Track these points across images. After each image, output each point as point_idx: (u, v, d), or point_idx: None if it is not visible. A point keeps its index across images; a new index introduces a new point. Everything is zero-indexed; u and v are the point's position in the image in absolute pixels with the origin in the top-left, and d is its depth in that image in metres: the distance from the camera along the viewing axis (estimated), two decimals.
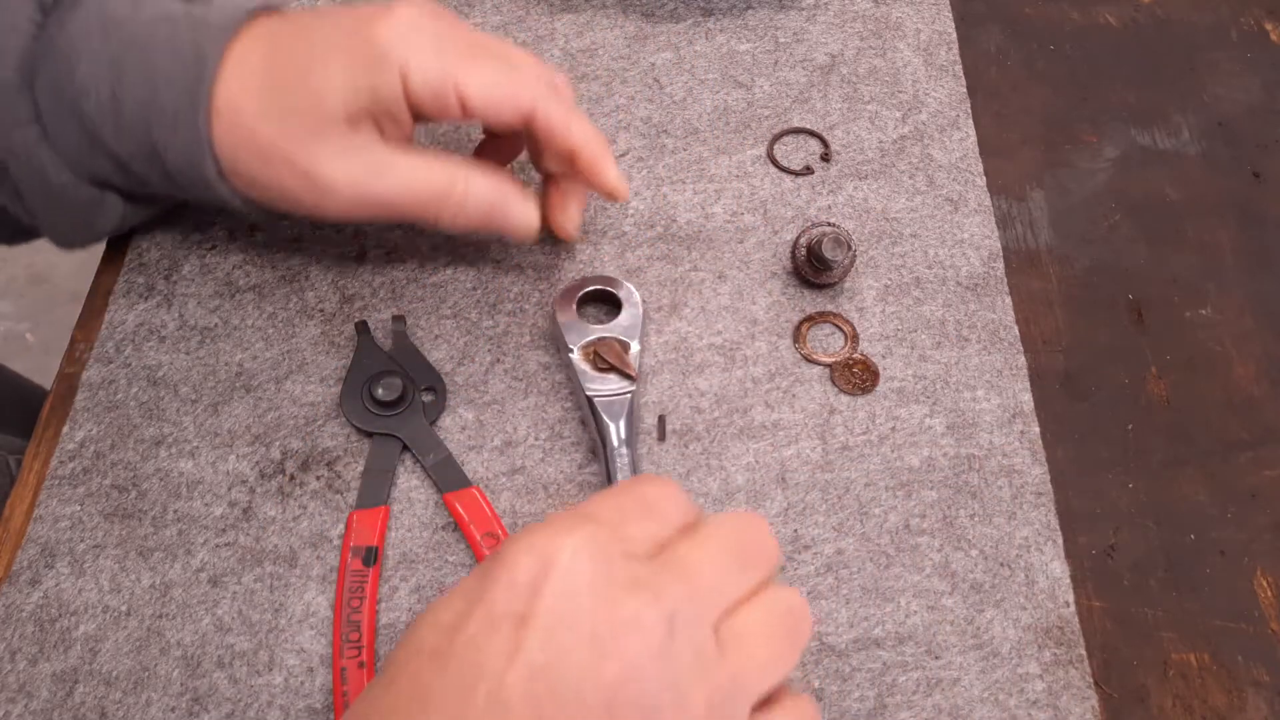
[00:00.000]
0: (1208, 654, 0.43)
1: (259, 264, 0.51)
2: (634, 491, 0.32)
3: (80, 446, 0.45)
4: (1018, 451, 0.47)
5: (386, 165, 0.41)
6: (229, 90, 0.40)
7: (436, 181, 0.42)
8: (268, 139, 0.40)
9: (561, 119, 0.42)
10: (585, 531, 0.29)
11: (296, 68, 0.40)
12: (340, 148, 0.40)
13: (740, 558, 0.31)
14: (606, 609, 0.28)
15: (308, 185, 0.41)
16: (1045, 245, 0.54)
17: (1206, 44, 0.62)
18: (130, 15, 0.41)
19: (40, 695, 0.40)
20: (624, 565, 0.29)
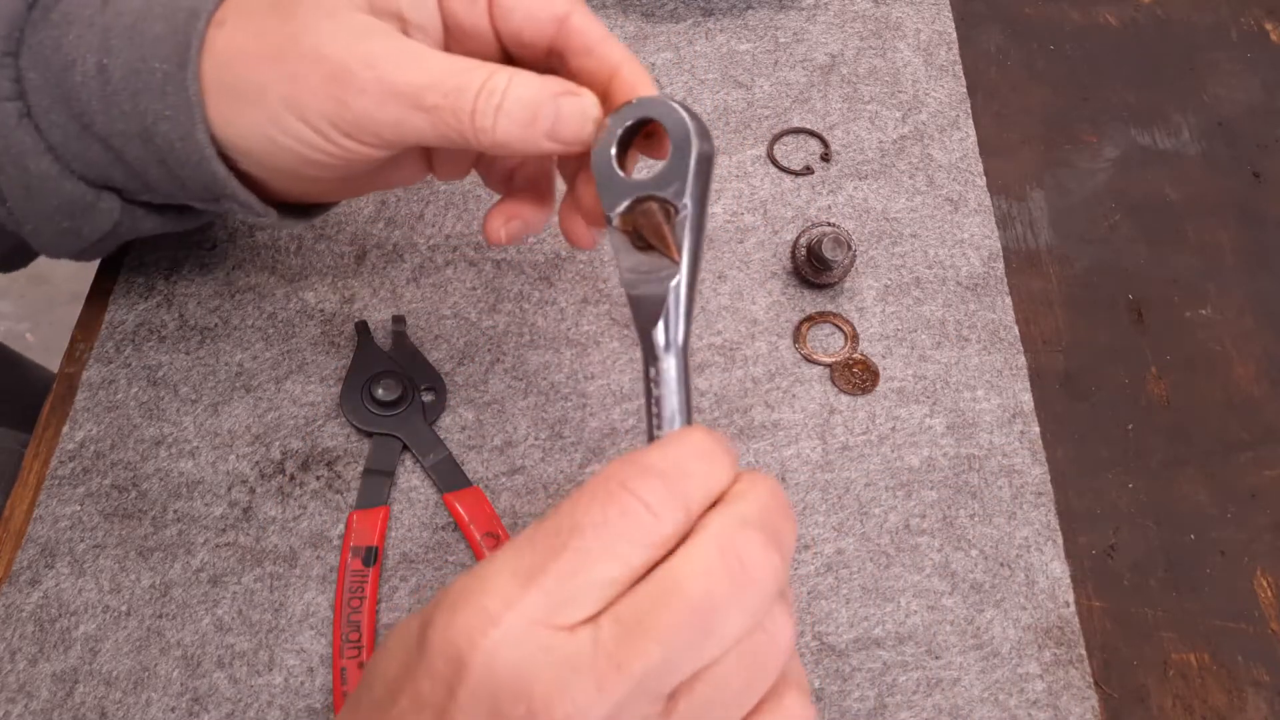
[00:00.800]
0: (1208, 654, 0.43)
1: (259, 264, 0.51)
2: (595, 514, 0.26)
3: (80, 446, 0.45)
4: (1018, 451, 0.47)
5: (413, 52, 0.34)
6: (220, 39, 0.35)
7: (469, 69, 0.33)
8: (272, 37, 0.34)
9: (600, 28, 0.35)
10: (510, 617, 0.25)
11: None
12: (360, 29, 0.34)
13: (711, 622, 0.25)
14: (525, 714, 0.25)
15: (322, 79, 0.33)
16: (1045, 245, 0.54)
17: (1206, 44, 0.62)
18: None
19: (40, 695, 0.40)
20: (560, 652, 0.25)
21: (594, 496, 0.27)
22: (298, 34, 0.34)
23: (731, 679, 0.26)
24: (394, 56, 0.33)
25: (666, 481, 0.27)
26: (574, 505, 0.27)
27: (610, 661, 0.25)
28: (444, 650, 0.25)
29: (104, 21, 0.36)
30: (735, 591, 0.26)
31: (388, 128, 0.34)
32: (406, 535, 0.44)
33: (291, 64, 0.34)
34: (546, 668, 0.25)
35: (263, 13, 0.35)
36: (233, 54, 0.35)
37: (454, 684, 0.25)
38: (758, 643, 0.26)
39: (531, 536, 0.27)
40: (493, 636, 0.25)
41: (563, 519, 0.27)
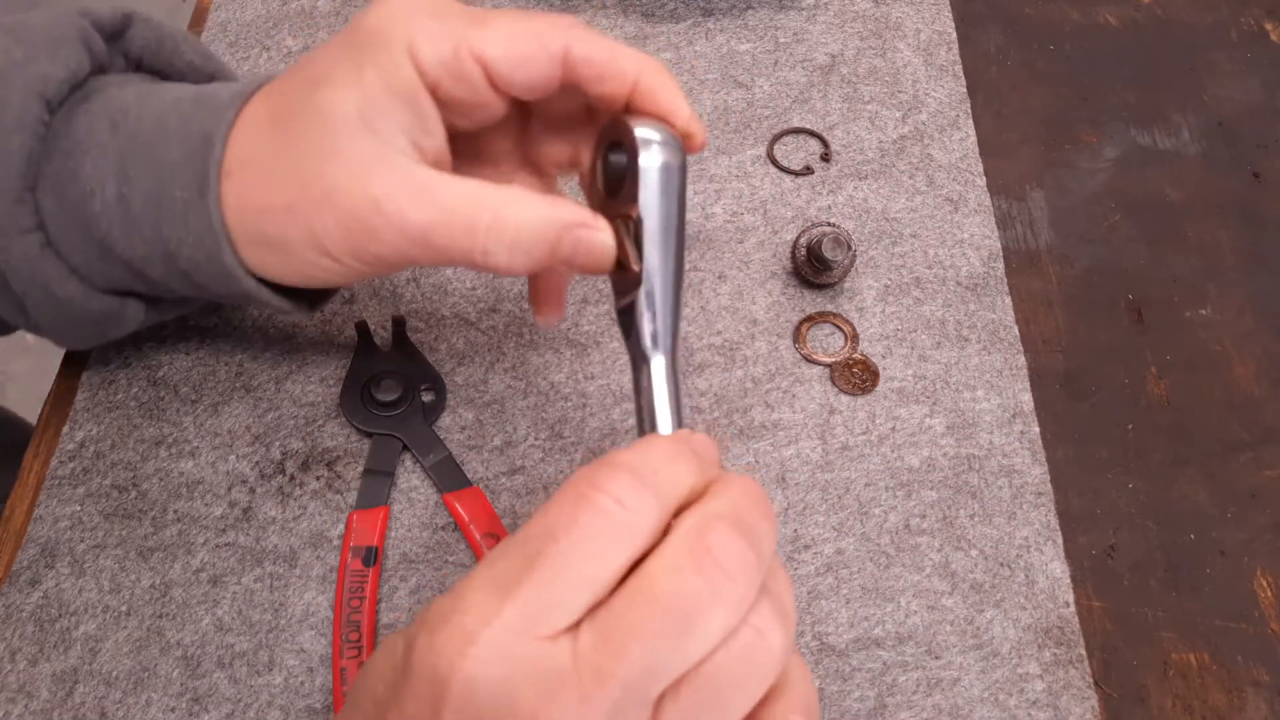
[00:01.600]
0: (1208, 654, 0.43)
1: None
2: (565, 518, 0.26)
3: (80, 446, 0.45)
4: (1018, 451, 0.47)
5: (418, 186, 0.33)
6: (237, 154, 0.35)
7: (477, 204, 0.33)
8: (283, 190, 0.34)
9: (603, 45, 0.34)
10: (488, 633, 0.24)
11: (300, 95, 0.34)
12: (364, 163, 0.33)
13: (690, 623, 0.25)
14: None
15: (339, 226, 0.34)
16: (1045, 245, 0.54)
17: (1206, 44, 0.62)
18: (139, 107, 0.37)
19: (40, 695, 0.40)
20: (540, 664, 0.24)
21: (564, 500, 0.26)
22: (307, 181, 0.34)
23: (720, 680, 0.26)
24: (400, 194, 0.33)
25: (636, 475, 0.26)
26: (546, 512, 0.26)
27: (592, 670, 0.24)
28: (426, 672, 0.25)
29: (118, 146, 0.36)
30: (710, 587, 0.25)
31: (406, 257, 0.34)
32: (406, 535, 0.44)
33: (308, 217, 0.34)
34: (528, 683, 0.24)
35: (267, 155, 0.35)
36: (248, 209, 0.35)
37: (438, 706, 0.25)
38: (744, 641, 0.26)
39: (506, 549, 0.26)
40: (472, 655, 0.24)
41: (535, 527, 0.26)
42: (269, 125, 0.35)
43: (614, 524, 0.26)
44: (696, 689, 0.25)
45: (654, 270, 0.33)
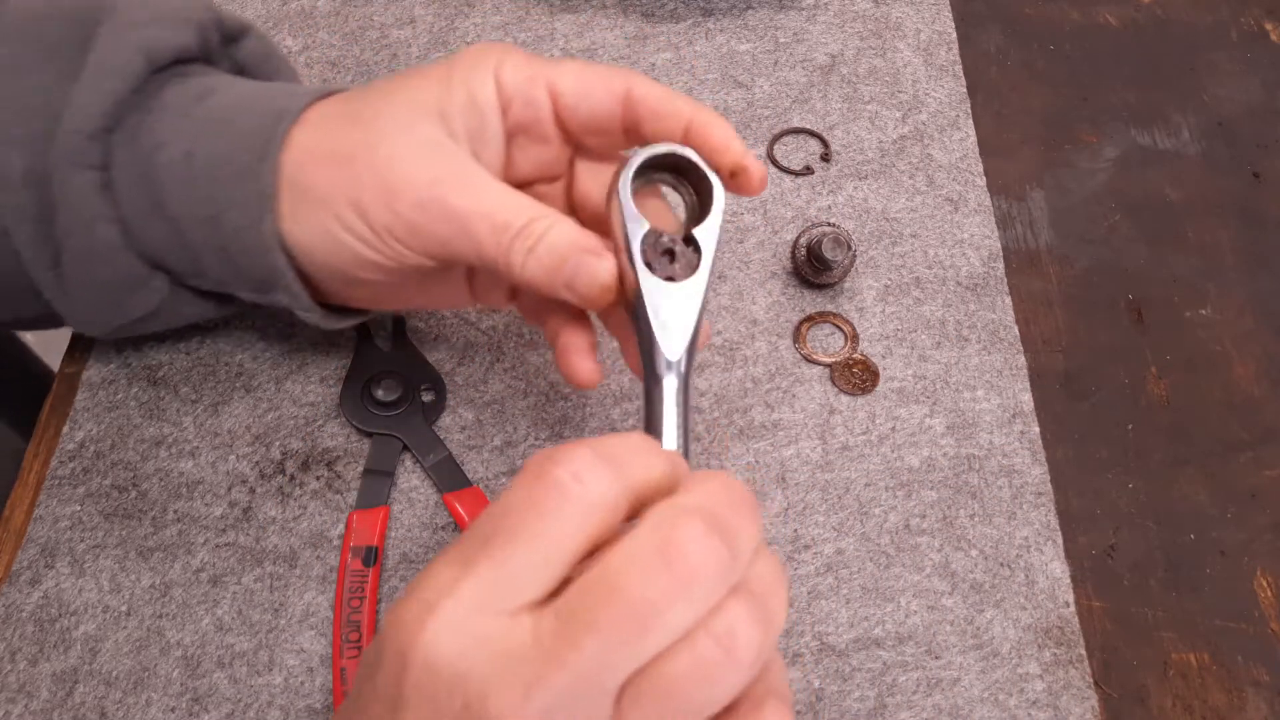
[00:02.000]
0: (1208, 654, 0.43)
1: None
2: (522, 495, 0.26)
3: (80, 446, 0.45)
4: (1018, 451, 0.47)
5: (470, 177, 0.36)
6: (300, 139, 0.37)
7: (518, 209, 0.36)
8: (347, 143, 0.37)
9: (661, 89, 0.37)
10: (448, 606, 0.24)
11: (385, 85, 0.38)
12: (431, 146, 0.36)
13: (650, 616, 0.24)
14: (463, 705, 0.24)
15: (387, 188, 0.36)
16: (1045, 245, 0.54)
17: (1206, 44, 0.62)
18: (229, 88, 0.40)
19: (40, 695, 0.40)
20: (495, 637, 0.24)
21: (523, 478, 0.26)
22: (373, 143, 0.36)
23: (684, 679, 0.25)
24: (457, 180, 0.36)
25: (596, 454, 0.26)
26: (507, 489, 0.26)
27: (546, 654, 0.24)
28: (392, 644, 0.25)
29: (199, 114, 0.39)
30: (674, 583, 0.24)
31: (436, 243, 0.36)
32: (406, 535, 0.44)
33: (360, 169, 0.36)
34: (483, 659, 0.24)
35: (342, 118, 0.38)
36: (307, 154, 0.37)
37: (400, 676, 0.25)
38: (712, 640, 0.25)
39: (471, 528, 0.26)
40: (430, 627, 0.24)
41: (496, 505, 0.26)
42: (346, 104, 0.38)
43: (570, 501, 0.25)
44: (654, 687, 0.25)
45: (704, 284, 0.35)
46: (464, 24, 0.60)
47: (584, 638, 0.24)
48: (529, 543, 0.25)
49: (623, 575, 0.24)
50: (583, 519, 0.26)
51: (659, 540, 0.25)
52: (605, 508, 0.26)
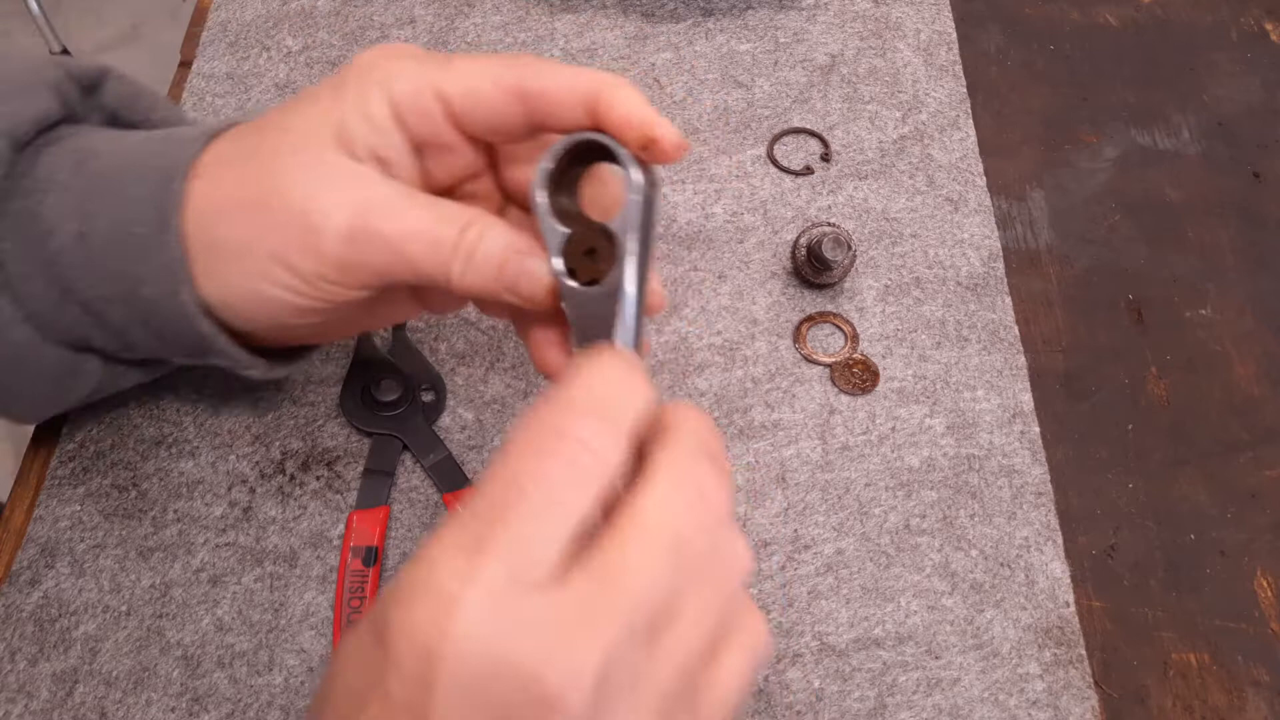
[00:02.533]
0: (1208, 654, 0.43)
1: None
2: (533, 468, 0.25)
3: (80, 446, 0.45)
4: (1018, 451, 0.47)
5: (391, 198, 0.34)
6: (201, 192, 0.35)
7: (448, 220, 0.34)
8: (253, 190, 0.34)
9: (553, 73, 0.34)
10: (472, 593, 0.24)
11: (276, 116, 0.35)
12: (341, 177, 0.34)
13: (680, 546, 0.26)
14: (514, 690, 0.23)
15: (307, 230, 0.33)
16: (1045, 245, 0.54)
17: (1206, 44, 0.62)
18: (108, 147, 0.37)
19: (40, 695, 0.40)
20: (534, 614, 0.24)
21: (527, 449, 0.26)
22: (281, 185, 0.34)
23: (705, 607, 0.26)
24: (378, 204, 0.34)
25: (602, 417, 0.26)
26: (506, 464, 0.26)
27: (590, 613, 0.24)
28: (409, 648, 0.24)
29: (81, 186, 0.36)
30: (697, 522, 0.26)
31: (371, 273, 0.34)
32: (407, 535, 0.44)
33: (275, 216, 0.34)
34: (525, 636, 0.24)
35: (241, 160, 0.35)
36: (214, 209, 0.35)
37: (429, 679, 0.24)
38: (723, 568, 0.27)
39: (472, 508, 0.25)
40: (458, 619, 0.23)
41: (498, 482, 0.25)
42: (239, 142, 0.35)
43: (587, 474, 0.26)
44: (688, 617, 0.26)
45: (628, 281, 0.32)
46: (464, 24, 0.60)
47: (629, 587, 0.24)
48: (545, 515, 0.25)
49: (653, 521, 0.25)
50: (597, 484, 0.26)
51: (680, 485, 0.26)
52: (615, 466, 0.26)
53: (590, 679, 0.23)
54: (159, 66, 1.84)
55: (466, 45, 0.59)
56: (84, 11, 1.96)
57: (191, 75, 0.57)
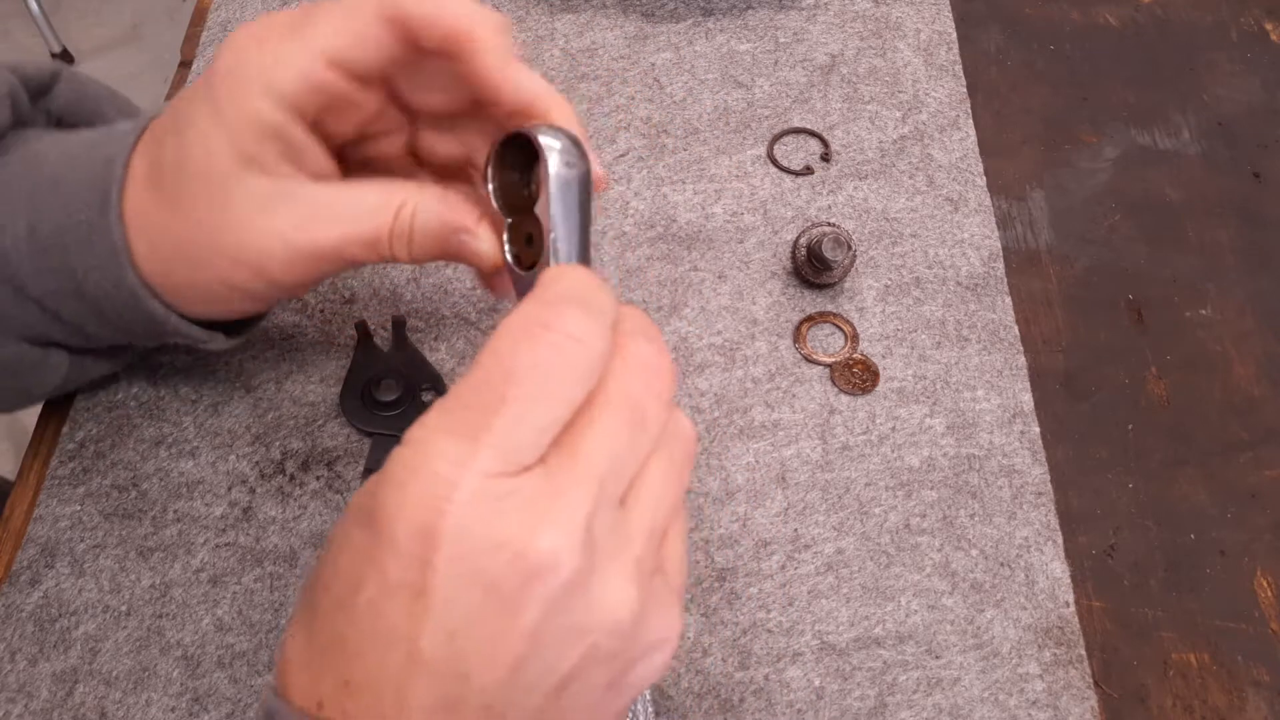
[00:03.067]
0: (1208, 654, 0.43)
1: None
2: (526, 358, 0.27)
3: (80, 446, 0.45)
4: (1018, 451, 0.47)
5: (319, 208, 0.35)
6: (134, 194, 0.36)
7: (378, 211, 0.35)
8: (177, 230, 0.35)
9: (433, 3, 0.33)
10: (467, 476, 0.25)
11: (171, 146, 0.35)
12: (257, 204, 0.34)
13: (640, 414, 0.28)
14: (512, 563, 0.25)
15: (249, 270, 0.35)
16: (1045, 245, 0.54)
17: (1206, 44, 0.62)
18: (52, 149, 0.38)
19: (40, 695, 0.40)
20: (522, 496, 0.26)
21: (519, 341, 0.27)
22: (209, 233, 0.35)
23: (665, 475, 0.29)
24: (308, 221, 0.35)
25: (585, 309, 0.28)
26: (499, 356, 0.27)
27: (569, 487, 0.26)
28: (406, 529, 0.25)
29: (29, 185, 0.37)
30: (653, 394, 0.28)
31: (320, 273, 0.36)
32: None
33: (215, 265, 0.35)
34: (517, 513, 0.25)
35: (157, 211, 0.35)
36: (158, 265, 0.36)
37: (427, 555, 0.25)
38: (677, 438, 0.30)
39: (460, 395, 0.27)
40: (456, 500, 0.25)
41: (491, 372, 0.27)
42: (147, 180, 0.35)
43: (577, 363, 0.27)
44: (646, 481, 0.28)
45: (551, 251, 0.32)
46: None
47: (595, 456, 0.27)
48: (538, 403, 0.26)
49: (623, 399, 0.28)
50: (586, 372, 0.27)
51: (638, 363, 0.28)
52: (603, 357, 0.28)
53: (577, 546, 0.26)
54: (159, 66, 1.85)
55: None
56: (84, 11, 1.96)
57: (191, 75, 0.57)
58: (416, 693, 0.26)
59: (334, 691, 0.26)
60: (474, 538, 0.25)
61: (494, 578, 0.25)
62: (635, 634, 0.28)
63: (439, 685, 0.26)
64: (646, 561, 0.28)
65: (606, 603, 0.27)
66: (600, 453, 0.27)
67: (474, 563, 0.25)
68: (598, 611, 0.27)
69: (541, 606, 0.26)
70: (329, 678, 0.27)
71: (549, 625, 0.26)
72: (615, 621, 0.27)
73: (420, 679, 0.26)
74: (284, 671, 0.28)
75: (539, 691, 0.26)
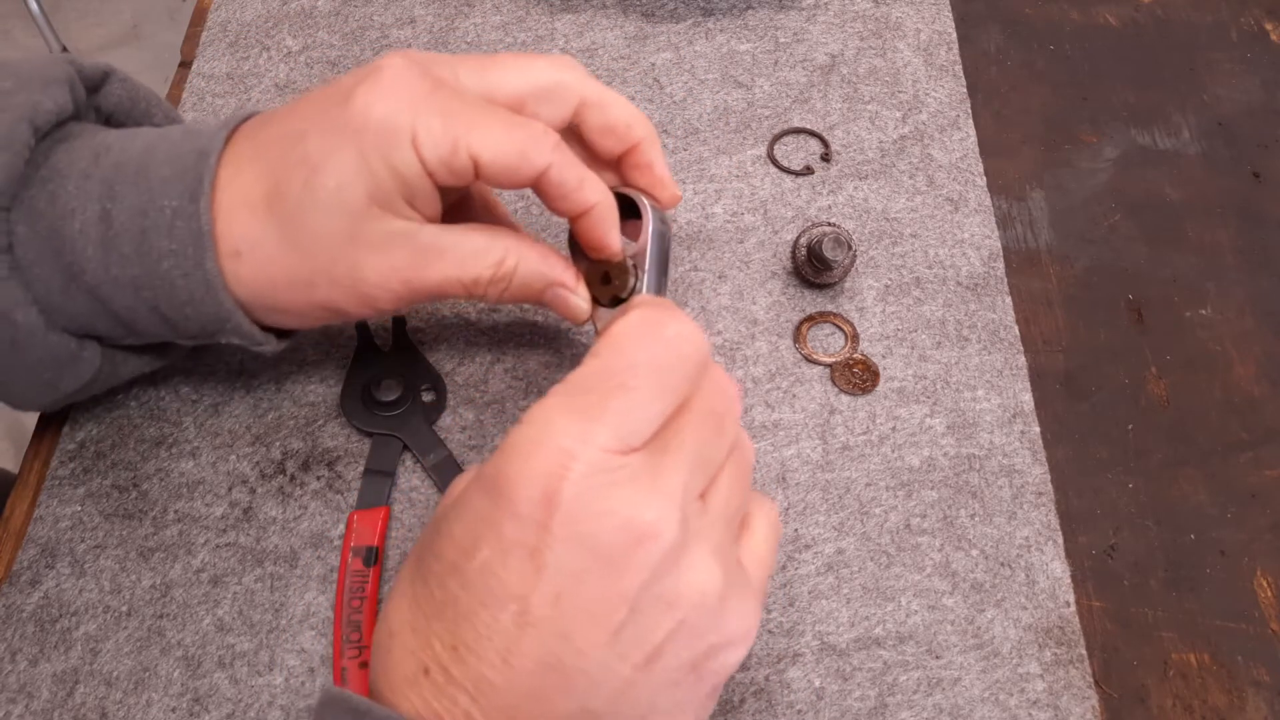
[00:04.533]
0: (1208, 654, 0.43)
1: None
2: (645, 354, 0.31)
3: (80, 446, 0.45)
4: (1018, 451, 0.47)
5: (433, 250, 0.37)
6: (243, 234, 0.36)
7: (485, 260, 0.38)
8: (301, 258, 0.36)
9: (577, 174, 0.38)
10: (587, 451, 0.29)
11: (299, 178, 0.36)
12: (379, 241, 0.36)
13: (721, 424, 0.32)
14: (620, 529, 0.28)
15: (351, 295, 0.37)
16: (1045, 245, 0.54)
17: (1206, 44, 0.62)
18: (123, 141, 0.38)
19: (41, 695, 0.40)
20: (629, 472, 0.29)
21: (640, 337, 0.31)
22: (330, 262, 0.36)
23: (734, 479, 0.32)
24: (420, 260, 0.37)
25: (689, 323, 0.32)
26: (621, 347, 0.31)
27: (668, 470, 0.30)
28: (528, 493, 0.28)
29: (103, 173, 0.37)
30: (729, 410, 0.33)
31: (412, 305, 0.41)
32: (407, 535, 0.44)
33: (328, 292, 0.37)
34: (624, 484, 0.29)
35: (277, 237, 0.36)
36: (263, 282, 0.37)
37: (545, 518, 0.28)
38: (742, 451, 0.33)
39: (581, 380, 0.31)
40: (576, 469, 0.28)
41: (612, 360, 0.31)
42: (266, 206, 0.36)
43: (689, 359, 0.31)
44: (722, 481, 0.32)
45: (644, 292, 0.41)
46: (464, 24, 0.60)
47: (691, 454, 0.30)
48: (653, 394, 0.30)
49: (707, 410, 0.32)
50: (696, 374, 0.32)
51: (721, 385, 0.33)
52: (706, 362, 0.32)
53: (675, 520, 0.29)
54: (159, 66, 1.84)
55: (466, 45, 0.59)
56: (84, 12, 1.96)
57: (191, 75, 0.57)
58: (522, 651, 0.28)
59: (442, 654, 0.29)
60: (587, 504, 0.28)
61: (602, 542, 0.28)
62: (719, 614, 0.30)
63: (543, 644, 0.28)
64: (725, 549, 0.31)
65: (696, 578, 0.30)
66: (690, 448, 0.30)
67: (586, 526, 0.28)
68: (687, 586, 0.29)
69: (642, 573, 0.29)
70: (437, 642, 0.29)
71: (646, 593, 0.29)
72: (702, 595, 0.30)
73: (527, 638, 0.28)
74: (386, 639, 0.31)
75: (630, 661, 0.29)
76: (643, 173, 0.41)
